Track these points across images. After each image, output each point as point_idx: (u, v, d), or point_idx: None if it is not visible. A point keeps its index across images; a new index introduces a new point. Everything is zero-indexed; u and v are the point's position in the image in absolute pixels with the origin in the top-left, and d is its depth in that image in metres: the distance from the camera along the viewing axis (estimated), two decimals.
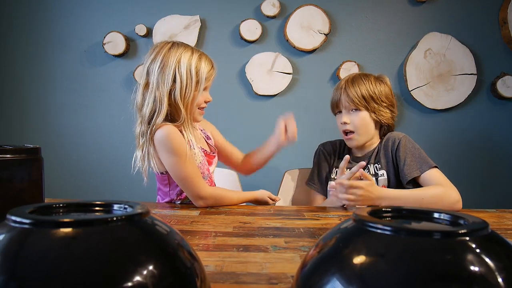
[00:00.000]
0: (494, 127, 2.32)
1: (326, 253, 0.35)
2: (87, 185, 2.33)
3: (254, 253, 0.64)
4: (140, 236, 0.34)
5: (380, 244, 0.32)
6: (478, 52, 2.30)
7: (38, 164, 0.83)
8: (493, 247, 0.31)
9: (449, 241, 0.30)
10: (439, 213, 0.38)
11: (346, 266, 0.32)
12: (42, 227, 0.30)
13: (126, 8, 2.36)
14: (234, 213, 1.04)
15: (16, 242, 0.29)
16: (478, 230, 0.31)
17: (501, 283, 0.27)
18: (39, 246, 0.29)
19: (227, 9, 2.34)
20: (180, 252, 0.36)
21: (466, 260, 0.28)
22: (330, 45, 2.33)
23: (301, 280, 0.36)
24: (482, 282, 0.27)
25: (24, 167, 0.80)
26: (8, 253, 0.29)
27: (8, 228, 0.30)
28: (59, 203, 0.38)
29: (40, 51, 2.38)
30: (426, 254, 0.29)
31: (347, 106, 1.24)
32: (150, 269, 0.31)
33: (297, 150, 1.52)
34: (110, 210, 0.39)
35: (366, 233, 0.33)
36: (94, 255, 0.29)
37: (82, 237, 0.30)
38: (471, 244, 0.30)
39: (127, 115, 1.26)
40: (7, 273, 0.27)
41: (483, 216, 1.03)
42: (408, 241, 0.31)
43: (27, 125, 2.40)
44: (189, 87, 1.12)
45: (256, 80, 2.31)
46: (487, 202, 2.26)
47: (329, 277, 0.32)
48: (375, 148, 1.29)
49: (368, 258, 0.31)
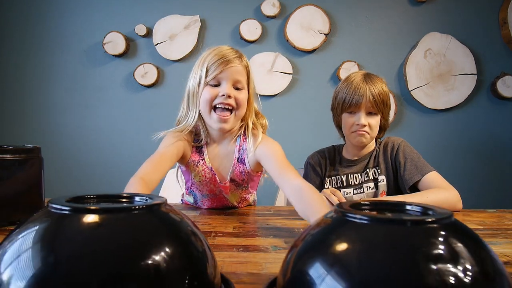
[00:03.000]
0: (494, 127, 2.32)
1: (311, 240, 0.40)
2: (87, 184, 2.33)
3: (254, 253, 0.64)
4: (158, 222, 0.40)
5: (359, 231, 0.36)
6: (478, 52, 2.30)
7: (38, 164, 0.83)
8: (456, 232, 0.36)
9: (419, 227, 0.35)
10: (411, 205, 0.43)
11: (329, 251, 0.36)
12: (77, 213, 0.37)
13: (126, 8, 2.36)
14: (234, 213, 1.04)
15: (56, 224, 0.37)
16: (443, 219, 0.36)
17: (462, 261, 0.33)
18: (74, 228, 0.36)
19: (227, 9, 2.34)
20: (193, 238, 0.41)
21: (433, 243, 0.34)
22: (330, 45, 2.33)
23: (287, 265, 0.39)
24: (447, 261, 0.32)
25: (24, 167, 0.80)
26: (50, 233, 0.36)
27: (50, 214, 0.37)
28: (90, 194, 0.45)
29: (40, 51, 2.38)
30: (400, 239, 0.34)
31: (368, 108, 1.19)
32: (166, 250, 0.36)
33: (297, 150, 1.52)
34: (133, 201, 0.45)
35: (347, 223, 0.38)
36: (118, 236, 0.36)
37: (109, 222, 0.37)
38: (438, 230, 0.35)
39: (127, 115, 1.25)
40: (49, 249, 0.34)
41: (483, 216, 1.03)
42: (383, 229, 0.36)
43: (27, 125, 2.40)
44: (194, 82, 1.01)
45: (256, 80, 2.29)
46: (487, 202, 2.26)
47: (313, 261, 0.36)
48: (372, 151, 1.28)
49: (348, 244, 0.36)
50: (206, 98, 0.99)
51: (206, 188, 1.11)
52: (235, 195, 1.14)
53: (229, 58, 0.99)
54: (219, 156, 1.09)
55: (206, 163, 1.08)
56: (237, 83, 1.01)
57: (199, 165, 1.08)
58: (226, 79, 0.99)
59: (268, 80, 2.31)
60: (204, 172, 1.08)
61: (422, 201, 1.06)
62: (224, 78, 0.99)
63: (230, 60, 0.99)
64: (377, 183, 1.22)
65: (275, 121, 2.31)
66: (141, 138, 2.26)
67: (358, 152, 1.29)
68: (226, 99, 0.98)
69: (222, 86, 1.00)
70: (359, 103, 1.18)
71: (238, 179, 1.10)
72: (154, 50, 2.34)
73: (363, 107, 1.19)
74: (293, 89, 2.34)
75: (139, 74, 2.33)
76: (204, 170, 1.08)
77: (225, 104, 0.99)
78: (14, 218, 0.80)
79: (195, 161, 1.08)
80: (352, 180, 1.26)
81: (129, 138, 2.36)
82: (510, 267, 0.58)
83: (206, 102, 1.00)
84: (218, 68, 0.98)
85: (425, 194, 1.10)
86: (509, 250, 0.68)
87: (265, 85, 2.32)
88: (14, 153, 0.78)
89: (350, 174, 1.26)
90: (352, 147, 1.29)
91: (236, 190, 1.13)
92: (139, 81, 2.33)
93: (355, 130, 1.21)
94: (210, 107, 1.00)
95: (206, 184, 1.10)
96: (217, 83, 1.00)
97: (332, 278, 0.34)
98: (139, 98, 2.37)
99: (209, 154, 1.09)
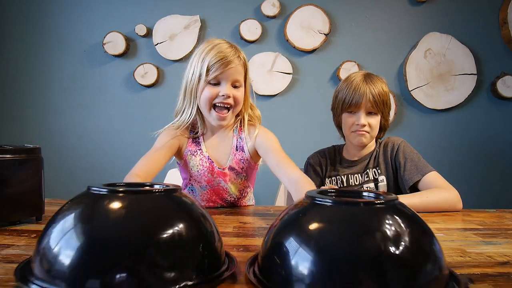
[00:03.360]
0: (494, 127, 2.32)
1: (286, 219, 0.51)
2: (87, 184, 2.32)
3: (254, 253, 0.64)
4: (174, 203, 0.52)
5: (323, 211, 0.48)
6: (478, 52, 2.30)
7: (38, 164, 0.83)
8: (397, 211, 0.47)
9: (369, 207, 0.47)
10: (367, 192, 0.56)
11: (299, 226, 0.48)
12: (112, 194, 0.49)
13: (126, 8, 2.36)
14: (234, 213, 1.04)
15: (96, 202, 0.49)
16: (389, 201, 0.48)
17: (401, 230, 0.44)
18: (110, 205, 0.48)
19: (227, 9, 2.34)
20: (202, 218, 0.52)
21: (379, 218, 0.45)
22: (330, 45, 2.33)
23: (267, 239, 0.50)
24: (391, 230, 0.44)
25: (24, 167, 0.80)
26: (91, 209, 0.49)
27: (91, 195, 0.51)
28: (120, 182, 0.58)
29: (40, 51, 2.38)
30: (354, 216, 0.46)
31: (368, 108, 1.19)
32: (180, 226, 0.48)
33: (297, 150, 1.52)
34: (153, 187, 0.57)
35: (315, 205, 0.49)
36: (143, 212, 0.48)
37: (136, 201, 0.49)
38: (383, 209, 0.47)
39: (127, 115, 1.25)
40: (92, 220, 0.47)
41: (483, 216, 1.03)
42: (342, 209, 0.47)
43: (27, 125, 2.40)
44: (194, 78, 1.05)
45: (256, 80, 2.31)
46: (487, 202, 2.27)
47: (287, 235, 0.47)
48: (372, 151, 1.28)
49: (315, 221, 0.47)
50: (207, 97, 1.04)
51: (204, 179, 1.13)
52: (235, 185, 1.17)
53: (230, 59, 1.03)
54: (216, 146, 1.14)
55: (203, 152, 1.13)
56: (236, 82, 1.06)
57: (196, 154, 1.12)
58: (226, 79, 1.04)
59: (268, 80, 2.31)
60: (201, 162, 1.12)
61: (422, 201, 1.06)
62: (224, 78, 1.04)
63: (230, 61, 1.03)
64: (377, 184, 1.22)
65: (275, 121, 2.31)
66: (141, 138, 2.26)
67: (358, 152, 1.29)
68: (225, 99, 1.04)
69: (222, 86, 1.05)
70: (359, 103, 1.19)
71: (237, 167, 1.14)
72: (154, 50, 2.34)
73: (363, 107, 1.19)
74: (293, 89, 2.34)
75: (139, 74, 2.33)
76: (201, 159, 1.12)
77: (225, 104, 1.05)
78: (14, 218, 0.80)
79: (192, 150, 1.13)
80: (352, 181, 1.26)
81: (129, 138, 2.36)
82: (510, 267, 0.58)
83: (206, 101, 1.05)
84: (219, 69, 1.02)
85: (425, 194, 1.10)
86: (509, 250, 0.68)
87: (265, 85, 2.32)
88: (14, 153, 0.78)
89: (350, 174, 1.26)
90: (352, 147, 1.29)
91: (236, 179, 1.16)
92: (139, 81, 2.33)
93: (355, 130, 1.21)
94: (210, 106, 1.06)
95: (204, 174, 1.13)
96: (217, 82, 1.05)
97: (302, 248, 0.44)
98: (139, 98, 2.37)
99: (206, 144, 1.14)
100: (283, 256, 0.45)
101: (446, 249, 0.68)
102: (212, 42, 1.07)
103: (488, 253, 0.66)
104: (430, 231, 0.48)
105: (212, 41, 1.08)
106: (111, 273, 0.42)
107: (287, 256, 0.45)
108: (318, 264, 0.42)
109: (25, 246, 0.65)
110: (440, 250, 0.47)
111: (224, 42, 1.08)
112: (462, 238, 0.77)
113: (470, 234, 0.81)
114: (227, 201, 1.18)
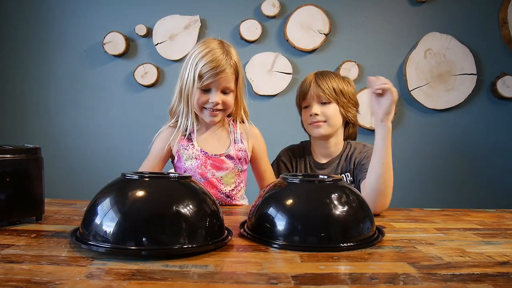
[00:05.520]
0: (494, 127, 2.32)
1: (267, 194, 0.77)
2: (87, 184, 2.32)
3: (254, 253, 0.64)
4: (184, 187, 0.70)
5: (293, 187, 0.75)
6: (478, 52, 2.30)
7: (38, 164, 0.83)
8: (341, 186, 0.75)
9: (322, 184, 0.75)
10: (323, 176, 0.80)
11: (278, 197, 0.75)
12: (141, 178, 0.68)
13: (126, 8, 2.36)
14: (234, 213, 1.04)
15: (129, 184, 0.67)
16: (336, 180, 0.76)
17: (342, 198, 0.71)
18: (140, 186, 0.66)
19: (227, 9, 2.34)
20: (208, 200, 0.70)
21: (328, 191, 0.73)
22: (330, 45, 2.34)
23: (254, 209, 0.76)
24: (335, 198, 0.71)
25: (24, 167, 0.80)
26: (127, 189, 0.66)
27: (125, 179, 0.69)
28: (146, 172, 0.80)
29: (40, 51, 2.39)
30: (314, 188, 0.74)
31: (318, 98, 1.22)
32: (190, 206, 0.65)
33: None
34: (169, 175, 0.73)
35: (288, 184, 0.76)
36: (162, 192, 0.67)
37: (158, 184, 0.69)
38: (331, 185, 0.75)
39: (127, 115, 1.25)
40: (127, 198, 0.65)
41: (483, 216, 1.03)
42: (304, 185, 0.75)
43: (27, 125, 2.40)
44: (188, 81, 1.12)
45: (256, 80, 2.31)
46: (487, 202, 2.26)
47: (267, 205, 0.74)
48: (339, 155, 1.28)
49: (287, 195, 0.74)
50: (197, 102, 1.13)
51: (197, 171, 1.17)
52: (231, 175, 1.19)
53: (221, 68, 1.09)
54: (210, 138, 1.21)
55: (195, 146, 1.18)
56: (226, 89, 1.14)
57: (188, 148, 1.18)
58: (216, 87, 1.12)
59: (268, 80, 2.31)
60: (194, 155, 1.17)
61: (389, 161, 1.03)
62: (214, 86, 1.11)
63: (221, 70, 1.09)
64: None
65: (275, 121, 2.31)
66: (141, 138, 2.26)
67: (324, 150, 1.29)
68: (215, 105, 1.13)
69: (212, 93, 1.12)
70: (306, 93, 1.24)
71: (235, 156, 1.19)
72: (154, 50, 2.34)
73: (314, 96, 1.23)
74: (293, 89, 2.33)
75: (139, 74, 2.33)
76: (193, 152, 1.17)
77: (214, 109, 1.14)
78: (14, 218, 0.80)
79: (184, 145, 1.18)
80: None
81: (129, 138, 2.36)
82: (510, 267, 0.58)
83: (197, 105, 1.14)
84: (210, 78, 1.09)
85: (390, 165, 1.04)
86: (509, 250, 0.68)
87: (265, 85, 2.32)
88: (14, 153, 0.78)
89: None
90: (317, 145, 1.31)
91: (233, 169, 1.20)
92: (139, 81, 2.33)
93: (311, 122, 1.25)
94: (201, 108, 1.15)
95: (197, 167, 1.17)
96: (207, 89, 1.12)
97: (279, 210, 0.71)
98: (139, 98, 2.37)
99: (198, 137, 1.20)
100: (266, 215, 0.72)
101: (445, 249, 0.68)
102: (207, 45, 1.11)
103: (487, 253, 0.66)
104: (362, 198, 0.75)
105: (207, 43, 1.13)
106: (144, 234, 0.60)
107: (270, 215, 0.71)
108: (289, 220, 0.69)
109: (25, 246, 0.65)
110: (369, 212, 0.74)
111: (218, 47, 1.12)
112: (462, 238, 0.77)
113: (469, 234, 0.81)
114: (223, 193, 1.19)
